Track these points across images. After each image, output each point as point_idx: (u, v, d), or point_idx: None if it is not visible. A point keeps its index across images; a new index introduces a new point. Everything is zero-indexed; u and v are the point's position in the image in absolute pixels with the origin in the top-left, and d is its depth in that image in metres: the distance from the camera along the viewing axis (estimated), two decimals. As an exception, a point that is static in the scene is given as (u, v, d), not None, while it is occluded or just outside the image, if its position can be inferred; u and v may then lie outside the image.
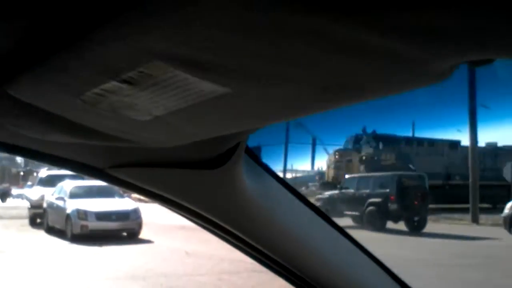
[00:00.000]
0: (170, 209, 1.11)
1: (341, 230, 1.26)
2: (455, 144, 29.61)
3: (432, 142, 29.67)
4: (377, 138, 28.24)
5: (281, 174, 21.32)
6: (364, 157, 26.88)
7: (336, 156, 29.84)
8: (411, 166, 25.40)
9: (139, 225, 15.19)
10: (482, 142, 29.86)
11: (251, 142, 0.95)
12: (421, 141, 29.99)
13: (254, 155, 1.06)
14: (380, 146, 27.75)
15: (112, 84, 0.62)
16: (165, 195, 1.04)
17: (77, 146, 0.90)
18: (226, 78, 0.57)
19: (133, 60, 0.56)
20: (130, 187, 1.03)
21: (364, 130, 27.60)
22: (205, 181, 0.98)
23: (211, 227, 1.13)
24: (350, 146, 29.57)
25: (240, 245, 1.18)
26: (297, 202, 1.15)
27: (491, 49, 0.52)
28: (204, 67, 0.55)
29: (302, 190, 26.01)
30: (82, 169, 1.03)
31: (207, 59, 0.54)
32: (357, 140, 28.99)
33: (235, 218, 1.06)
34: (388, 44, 0.49)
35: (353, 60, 0.53)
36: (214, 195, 1.01)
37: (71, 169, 1.05)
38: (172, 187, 1.01)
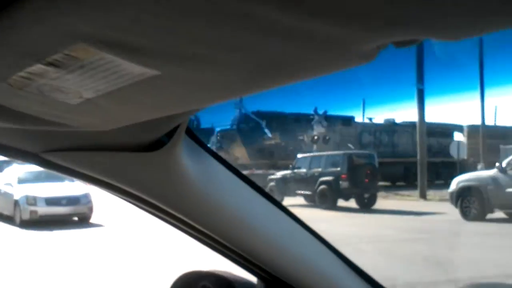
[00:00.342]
0: (111, 193, 1.10)
1: (284, 208, 1.27)
2: (348, 120, 29.50)
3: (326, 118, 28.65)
4: (260, 115, 27.49)
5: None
6: (316, 137, 27.09)
7: (218, 137, 28.35)
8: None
9: (90, 210, 14.99)
10: (381, 119, 30.49)
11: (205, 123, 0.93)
12: (309, 117, 28.88)
13: (195, 137, 1.06)
14: (263, 123, 27.10)
15: (38, 67, 0.61)
16: (104, 179, 1.02)
17: (10, 130, 0.88)
18: (155, 61, 0.56)
19: (57, 42, 0.56)
20: (67, 171, 1.01)
21: (315, 110, 27.73)
22: (145, 164, 0.97)
23: (154, 211, 1.12)
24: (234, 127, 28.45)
25: (184, 227, 1.18)
26: (239, 182, 1.15)
27: (415, 30, 0.53)
28: (130, 49, 0.54)
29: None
30: (16, 154, 1.00)
31: (134, 42, 0.54)
32: (239, 120, 28.00)
33: (177, 200, 1.05)
34: (313, 26, 0.50)
35: (282, 43, 0.53)
36: (155, 178, 1.00)
37: (4, 154, 1.03)
38: (111, 171, 1.00)
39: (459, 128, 30.78)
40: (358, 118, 30.65)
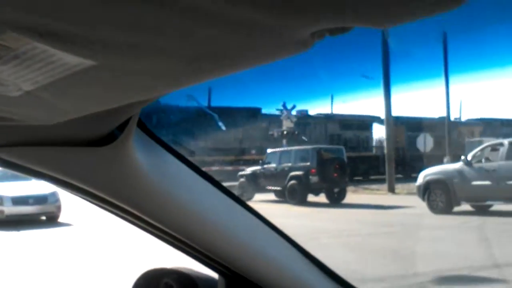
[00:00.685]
0: (63, 190, 1.07)
1: (243, 203, 1.26)
2: (254, 112, 29.02)
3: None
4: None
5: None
6: (285, 132, 27.18)
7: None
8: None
9: (58, 208, 14.77)
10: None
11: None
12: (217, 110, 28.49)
13: (148, 130, 1.03)
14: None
15: None
16: (54, 175, 0.99)
17: None
18: (89, 50, 0.55)
19: None
20: (14, 167, 0.97)
21: (284, 105, 27.79)
22: (96, 158, 0.94)
23: (109, 207, 1.10)
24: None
25: (141, 224, 1.16)
26: (195, 176, 1.13)
27: (348, 17, 0.53)
28: (62, 38, 0.52)
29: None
30: None
31: (64, 30, 0.51)
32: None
33: (131, 196, 1.02)
34: (247, 14, 0.49)
35: (219, 31, 0.52)
36: (107, 173, 0.97)
37: None
38: (61, 166, 0.97)
39: (378, 120, 30.80)
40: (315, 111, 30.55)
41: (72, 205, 14.90)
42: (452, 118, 29.67)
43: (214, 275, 1.41)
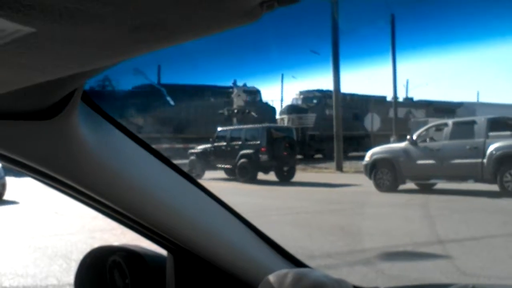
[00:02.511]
0: (5, 165, 1.04)
1: (192, 179, 1.25)
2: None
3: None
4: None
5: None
6: (236, 110, 27.17)
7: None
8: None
9: (3, 186, 14.37)
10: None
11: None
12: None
13: (94, 104, 1.01)
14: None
15: None
16: None
17: None
18: (27, 16, 0.52)
19: None
20: None
21: (234, 83, 27.72)
22: (39, 133, 0.91)
23: (53, 183, 1.07)
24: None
25: (87, 200, 1.14)
26: (142, 151, 1.11)
27: None
28: None
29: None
30: None
31: None
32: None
33: (75, 171, 1.00)
34: None
35: (161, 0, 0.52)
36: (50, 148, 0.94)
37: None
38: (1, 140, 0.93)
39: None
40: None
41: (18, 182, 14.56)
42: (401, 99, 30.32)
43: (163, 252, 1.41)
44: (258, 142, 20.48)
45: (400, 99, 31.76)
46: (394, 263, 6.69)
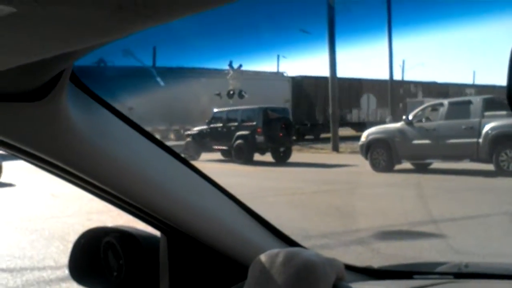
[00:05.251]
0: None
1: (184, 161, 1.26)
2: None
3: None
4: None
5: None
6: (231, 91, 27.08)
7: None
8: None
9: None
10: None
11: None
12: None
13: (83, 85, 1.00)
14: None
15: None
16: None
17: None
18: None
19: None
20: None
21: (230, 64, 27.55)
22: (26, 115, 0.90)
23: (45, 166, 1.07)
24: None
25: (80, 183, 1.14)
26: (133, 132, 1.11)
27: None
28: None
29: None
30: None
31: None
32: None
33: (66, 153, 0.99)
34: None
35: None
36: (38, 129, 0.93)
37: None
38: None
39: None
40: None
41: (14, 165, 14.57)
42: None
43: (157, 233, 1.42)
44: (254, 123, 20.47)
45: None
46: (390, 242, 6.75)
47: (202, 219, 1.26)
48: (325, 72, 27.53)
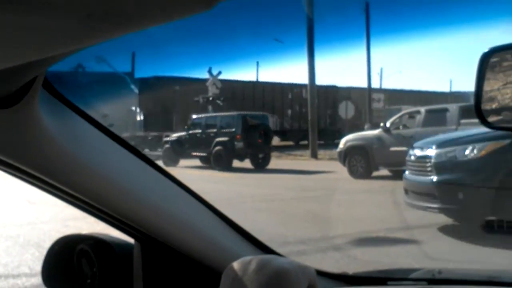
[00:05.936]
0: None
1: (158, 168, 1.25)
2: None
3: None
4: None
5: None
6: (211, 98, 27.07)
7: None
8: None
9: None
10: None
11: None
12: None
13: (55, 91, 0.99)
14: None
15: None
16: None
17: None
18: None
19: None
20: None
21: (209, 71, 27.55)
22: None
23: (17, 173, 1.06)
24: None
25: (51, 189, 1.13)
26: (106, 139, 1.11)
27: None
28: None
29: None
30: None
31: None
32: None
33: (38, 160, 0.98)
34: None
35: None
36: (11, 136, 0.93)
37: None
38: None
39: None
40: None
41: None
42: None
43: (131, 240, 1.41)
44: (233, 129, 20.45)
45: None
46: (366, 248, 6.79)
47: (175, 226, 1.26)
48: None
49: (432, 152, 7.96)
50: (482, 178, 7.27)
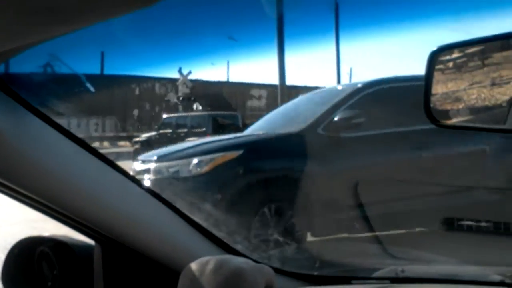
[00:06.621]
0: None
1: (117, 167, 1.24)
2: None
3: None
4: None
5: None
6: (181, 98, 26.96)
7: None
8: None
9: None
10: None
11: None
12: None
13: (9, 89, 0.97)
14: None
15: None
16: None
17: None
18: None
19: None
20: None
21: (179, 70, 27.40)
22: None
23: None
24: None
25: (6, 191, 1.11)
26: (63, 139, 1.09)
27: None
28: None
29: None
30: None
31: None
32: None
33: None
34: None
35: None
36: None
37: None
38: None
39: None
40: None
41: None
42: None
43: (92, 242, 1.39)
44: (204, 129, 20.37)
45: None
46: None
47: (134, 227, 1.25)
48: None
49: (151, 166, 6.21)
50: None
